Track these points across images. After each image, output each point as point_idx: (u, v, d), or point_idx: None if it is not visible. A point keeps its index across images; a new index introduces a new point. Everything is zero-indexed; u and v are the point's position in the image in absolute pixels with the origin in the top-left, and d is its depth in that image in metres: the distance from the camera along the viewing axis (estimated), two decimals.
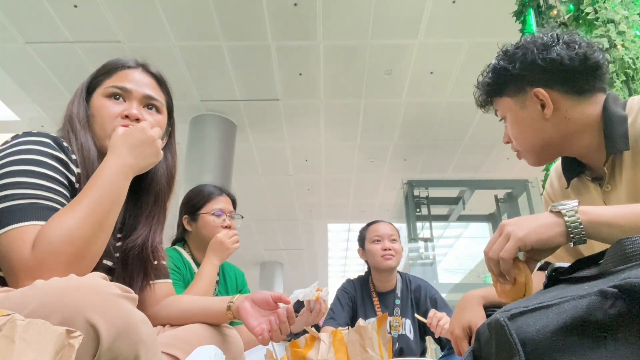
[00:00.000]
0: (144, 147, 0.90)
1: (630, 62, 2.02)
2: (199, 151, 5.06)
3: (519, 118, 1.07)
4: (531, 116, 1.04)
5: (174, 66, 4.47)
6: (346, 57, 4.47)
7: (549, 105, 1.01)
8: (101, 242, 0.80)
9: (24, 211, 0.76)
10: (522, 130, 1.07)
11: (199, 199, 1.79)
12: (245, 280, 1.97)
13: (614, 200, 1.01)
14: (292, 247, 9.38)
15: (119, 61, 1.03)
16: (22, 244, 0.73)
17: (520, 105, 1.05)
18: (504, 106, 1.10)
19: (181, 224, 1.81)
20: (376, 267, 2.02)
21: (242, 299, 1.04)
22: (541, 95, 1.01)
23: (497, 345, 0.53)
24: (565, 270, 0.63)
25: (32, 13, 3.88)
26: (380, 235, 2.03)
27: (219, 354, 0.87)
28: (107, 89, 0.98)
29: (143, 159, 0.90)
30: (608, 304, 0.47)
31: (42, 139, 0.85)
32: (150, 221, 1.03)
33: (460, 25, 4.10)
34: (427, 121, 5.48)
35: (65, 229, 0.74)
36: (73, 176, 0.87)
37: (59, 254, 0.72)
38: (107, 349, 0.56)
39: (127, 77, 1.00)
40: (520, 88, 1.05)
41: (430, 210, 6.18)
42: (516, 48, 1.07)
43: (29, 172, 0.79)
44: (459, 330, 1.04)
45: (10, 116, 5.31)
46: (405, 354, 1.90)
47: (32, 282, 0.63)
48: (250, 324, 1.00)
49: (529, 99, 1.03)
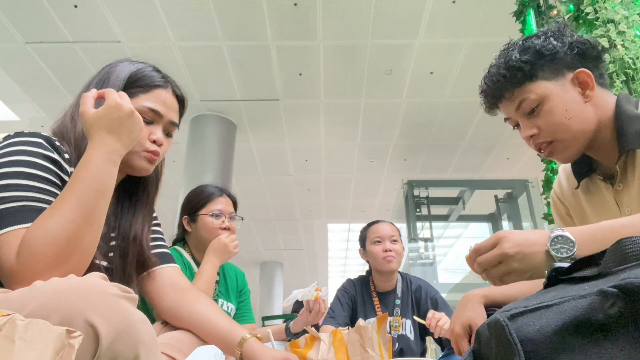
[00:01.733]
0: (125, 124, 0.84)
1: (630, 62, 2.02)
2: (199, 151, 5.06)
3: (561, 102, 0.98)
4: (573, 99, 0.98)
5: (174, 66, 4.47)
6: (346, 57, 4.47)
7: (593, 86, 0.98)
8: (90, 237, 0.76)
9: (12, 215, 0.75)
10: (565, 115, 0.97)
11: (199, 200, 1.78)
12: (245, 280, 1.97)
13: (625, 199, 0.99)
14: (292, 247, 9.38)
15: (154, 76, 1.01)
16: (8, 249, 0.72)
17: (560, 88, 0.98)
18: (540, 91, 0.99)
19: (181, 224, 1.81)
20: (377, 268, 2.02)
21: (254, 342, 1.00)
22: (585, 77, 0.98)
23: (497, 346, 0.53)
24: (565, 270, 0.63)
25: (32, 13, 3.88)
26: (381, 237, 2.01)
27: (219, 354, 0.87)
28: (142, 108, 0.96)
29: (127, 137, 0.84)
30: (608, 304, 0.47)
31: (33, 139, 0.83)
32: (143, 222, 1.04)
33: (460, 25, 4.10)
34: (427, 121, 5.48)
35: (45, 231, 0.72)
36: (67, 175, 0.86)
37: (40, 257, 0.71)
38: (107, 349, 0.56)
39: (160, 98, 1.00)
40: (558, 70, 0.99)
41: (430, 210, 6.17)
42: (546, 33, 1.02)
43: (19, 174, 0.78)
44: (459, 328, 1.04)
45: (10, 116, 5.31)
46: (406, 354, 1.90)
47: (23, 286, 0.63)
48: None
49: (568, 82, 0.99)
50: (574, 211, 1.16)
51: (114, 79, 0.97)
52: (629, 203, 0.99)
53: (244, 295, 1.92)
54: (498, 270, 0.79)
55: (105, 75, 0.99)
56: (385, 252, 1.97)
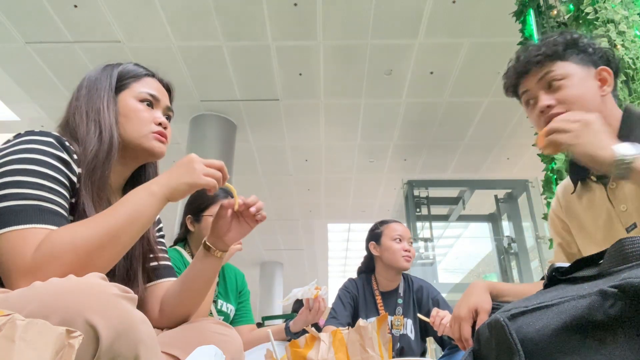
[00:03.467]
0: (179, 167, 0.90)
1: (630, 62, 2.02)
2: (199, 151, 4.97)
3: (583, 82, 1.07)
4: (593, 88, 1.07)
5: (174, 66, 4.47)
6: (346, 57, 4.47)
7: (610, 83, 1.07)
8: (109, 256, 0.79)
9: (26, 213, 0.76)
10: (584, 92, 1.06)
11: (203, 200, 1.77)
12: (245, 281, 1.97)
13: (620, 196, 1.02)
14: (292, 247, 9.38)
15: (138, 68, 1.06)
16: (23, 246, 0.73)
17: (585, 73, 1.08)
18: (568, 68, 1.08)
19: (184, 223, 1.80)
20: (392, 265, 2.01)
21: None
22: (606, 74, 1.07)
23: (497, 345, 0.53)
24: (565, 270, 0.63)
25: (32, 13, 3.88)
26: (402, 236, 2.05)
27: (219, 354, 0.87)
28: (141, 94, 1.02)
29: (175, 178, 0.89)
30: (608, 304, 0.47)
31: (45, 138, 0.85)
32: None
33: (460, 25, 4.10)
34: (427, 121, 5.48)
35: (71, 238, 0.74)
36: (74, 176, 0.87)
37: (58, 260, 0.72)
38: (107, 349, 0.56)
39: (151, 85, 1.05)
40: (586, 61, 1.09)
41: (430, 210, 6.17)
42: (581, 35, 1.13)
43: (31, 172, 0.79)
44: (465, 311, 1.04)
45: (10, 116, 5.31)
46: (406, 353, 1.90)
47: (27, 284, 0.63)
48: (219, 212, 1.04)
49: (591, 74, 1.08)
50: (571, 219, 1.20)
51: (103, 77, 1.01)
52: (624, 199, 1.02)
53: (243, 296, 1.92)
54: (566, 136, 0.88)
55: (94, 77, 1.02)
56: (405, 252, 2.01)
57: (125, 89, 1.02)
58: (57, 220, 0.79)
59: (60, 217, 0.80)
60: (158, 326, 1.02)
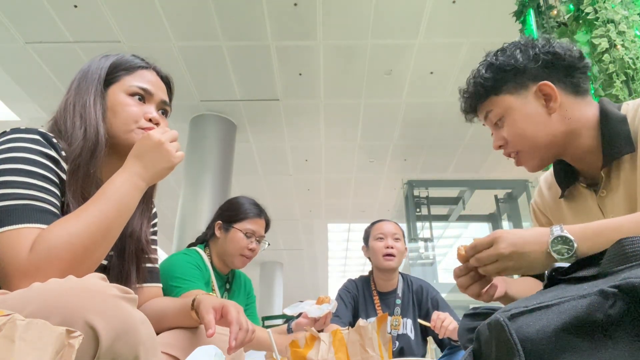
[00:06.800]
0: (151, 153, 0.88)
1: (630, 62, 2.02)
2: (199, 151, 5.06)
3: (523, 114, 1.01)
4: (536, 111, 1.00)
5: (174, 66, 4.47)
6: (346, 57, 4.47)
7: (555, 98, 0.99)
8: (102, 250, 0.80)
9: (19, 212, 0.75)
10: (526, 126, 1.01)
11: (238, 213, 1.76)
12: (252, 287, 1.99)
13: (609, 205, 0.99)
14: (292, 247, 9.38)
15: (134, 59, 1.03)
16: (18, 246, 0.72)
17: (523, 101, 1.02)
18: (503, 104, 1.04)
19: (213, 226, 1.78)
20: (377, 266, 2.03)
21: (205, 297, 1.00)
22: (548, 89, 0.99)
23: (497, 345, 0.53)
24: (565, 270, 0.63)
25: (32, 13, 3.88)
26: (384, 233, 2.04)
27: (219, 354, 0.87)
28: (131, 88, 0.98)
29: (152, 166, 0.88)
30: (608, 304, 0.47)
31: (31, 135, 0.83)
32: (141, 217, 1.04)
33: (460, 25, 4.10)
34: (427, 121, 5.48)
35: (66, 236, 0.74)
36: (63, 173, 0.86)
37: (56, 260, 0.72)
38: (107, 350, 0.56)
39: (145, 77, 1.01)
40: (522, 84, 1.02)
41: (430, 210, 6.18)
42: (514, 46, 1.05)
43: (21, 171, 0.78)
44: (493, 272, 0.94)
45: (10, 116, 5.30)
46: (406, 353, 1.90)
47: (26, 285, 0.63)
48: (205, 316, 0.93)
49: (531, 94, 1.01)
50: (556, 221, 1.16)
51: (94, 69, 0.98)
52: (613, 209, 0.98)
53: (250, 299, 1.93)
54: (494, 267, 0.85)
55: (87, 69, 1.00)
56: (386, 249, 1.99)
57: (115, 82, 0.99)
58: (49, 219, 0.78)
59: (52, 215, 0.80)
60: None
